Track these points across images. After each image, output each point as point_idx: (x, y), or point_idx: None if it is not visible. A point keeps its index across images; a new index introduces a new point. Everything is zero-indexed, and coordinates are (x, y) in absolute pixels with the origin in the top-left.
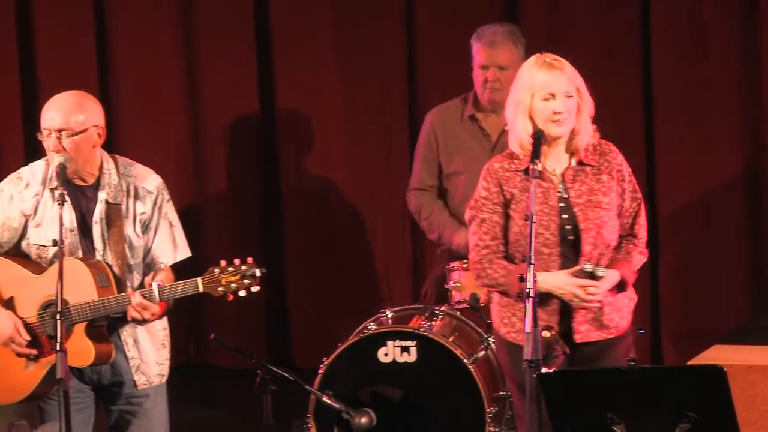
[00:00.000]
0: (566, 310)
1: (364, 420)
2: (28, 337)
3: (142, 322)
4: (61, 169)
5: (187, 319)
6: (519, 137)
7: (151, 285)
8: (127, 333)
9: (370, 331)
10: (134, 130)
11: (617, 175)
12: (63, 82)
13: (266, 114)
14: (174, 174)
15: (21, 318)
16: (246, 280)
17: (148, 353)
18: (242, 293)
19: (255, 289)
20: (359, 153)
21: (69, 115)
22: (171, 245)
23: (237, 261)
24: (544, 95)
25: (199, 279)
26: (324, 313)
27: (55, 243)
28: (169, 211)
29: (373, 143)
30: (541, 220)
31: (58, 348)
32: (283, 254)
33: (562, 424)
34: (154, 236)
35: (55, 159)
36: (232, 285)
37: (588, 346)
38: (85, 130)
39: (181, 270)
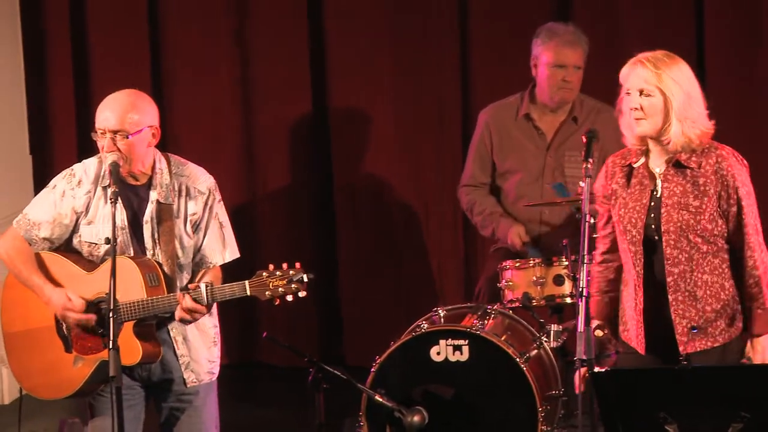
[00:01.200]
0: (668, 321)
1: (416, 419)
2: (83, 302)
3: (190, 321)
4: (114, 168)
5: (239, 317)
6: (625, 133)
7: (198, 286)
8: (176, 330)
9: (423, 330)
10: (188, 130)
11: (717, 179)
12: (117, 83)
13: (319, 113)
14: (228, 174)
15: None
16: (293, 285)
17: (198, 351)
18: (289, 298)
19: (302, 294)
20: (412, 151)
21: (124, 115)
22: (221, 245)
23: (285, 265)
24: (625, 91)
25: (246, 282)
26: (376, 311)
27: (107, 241)
28: (220, 211)
29: (426, 141)
30: (630, 218)
31: (110, 346)
32: (335, 253)
33: (614, 423)
34: (204, 236)
35: (109, 158)
36: (280, 290)
37: (697, 356)
38: (139, 131)
39: (233, 269)
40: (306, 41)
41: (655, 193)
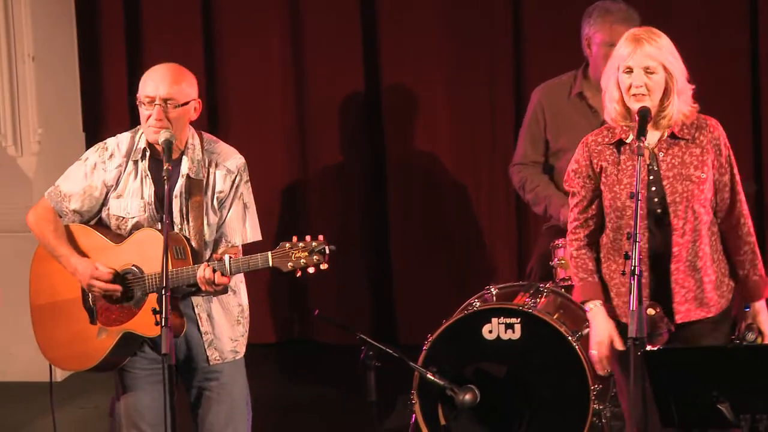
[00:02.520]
0: (666, 291)
1: (468, 397)
2: (109, 271)
3: (213, 293)
4: (167, 145)
5: (290, 295)
6: (608, 110)
7: (221, 257)
8: (201, 307)
9: (475, 308)
10: (240, 111)
11: (712, 148)
12: (169, 60)
13: (371, 92)
14: (280, 152)
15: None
16: (315, 257)
17: (222, 329)
18: (311, 270)
19: (323, 266)
20: (464, 129)
21: (175, 84)
22: (241, 226)
23: (308, 237)
24: (624, 68)
25: (269, 253)
26: (428, 289)
27: (160, 218)
28: (246, 192)
29: (478, 119)
30: (628, 193)
31: (162, 324)
32: (388, 231)
33: (666, 402)
34: (227, 215)
35: (162, 134)
36: (302, 261)
37: (690, 326)
38: (187, 103)
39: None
40: (358, 20)
41: (651, 166)
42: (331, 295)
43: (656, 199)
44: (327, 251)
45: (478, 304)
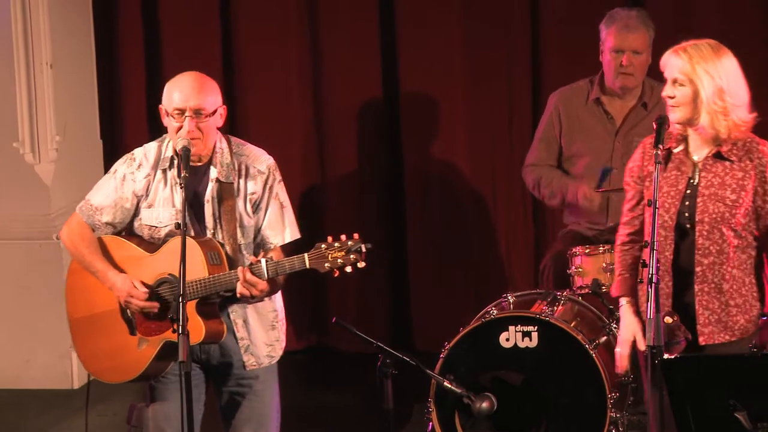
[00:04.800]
0: (691, 311)
1: (485, 405)
2: (146, 291)
3: (251, 299)
4: (185, 153)
5: (309, 303)
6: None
7: (258, 261)
8: (236, 313)
9: (492, 316)
10: (258, 117)
11: (756, 174)
12: (188, 67)
13: (390, 97)
14: (298, 158)
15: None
16: (352, 256)
17: (257, 334)
18: (348, 269)
19: (361, 265)
20: (482, 135)
21: (203, 94)
22: (281, 225)
23: (343, 237)
24: (665, 77)
25: (305, 255)
26: (446, 297)
27: (177, 226)
28: (280, 191)
29: (495, 125)
30: (664, 202)
31: (179, 331)
32: (405, 237)
33: (683, 409)
34: (264, 216)
35: (179, 142)
36: (339, 261)
37: (714, 348)
38: (215, 110)
39: (297, 250)
40: (377, 27)
41: (692, 180)
42: (349, 302)
43: (687, 214)
44: (364, 249)
45: (495, 311)
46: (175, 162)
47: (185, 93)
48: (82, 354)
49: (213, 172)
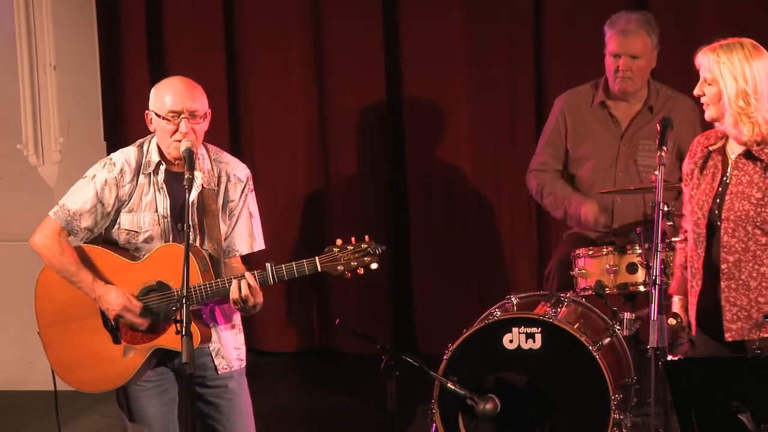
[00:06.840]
0: (717, 306)
1: (488, 406)
2: (141, 305)
3: (248, 307)
4: (189, 154)
5: (312, 304)
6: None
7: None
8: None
9: (496, 318)
10: (262, 120)
11: None
12: (192, 71)
13: (393, 101)
14: (302, 162)
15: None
16: (366, 258)
17: (226, 338)
18: (360, 271)
19: (374, 266)
20: (485, 139)
21: (197, 97)
22: (248, 235)
23: (353, 239)
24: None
25: (317, 258)
26: (449, 298)
27: (181, 228)
28: (251, 201)
29: (499, 129)
30: (699, 200)
31: (183, 333)
32: (408, 240)
33: (686, 411)
34: (235, 224)
35: (183, 144)
36: (353, 263)
37: (743, 344)
38: (206, 114)
39: (300, 253)
40: (380, 29)
41: (725, 178)
42: (352, 304)
43: (717, 212)
44: (379, 252)
45: (498, 313)
46: (162, 167)
47: (179, 95)
48: (57, 365)
49: (198, 178)
